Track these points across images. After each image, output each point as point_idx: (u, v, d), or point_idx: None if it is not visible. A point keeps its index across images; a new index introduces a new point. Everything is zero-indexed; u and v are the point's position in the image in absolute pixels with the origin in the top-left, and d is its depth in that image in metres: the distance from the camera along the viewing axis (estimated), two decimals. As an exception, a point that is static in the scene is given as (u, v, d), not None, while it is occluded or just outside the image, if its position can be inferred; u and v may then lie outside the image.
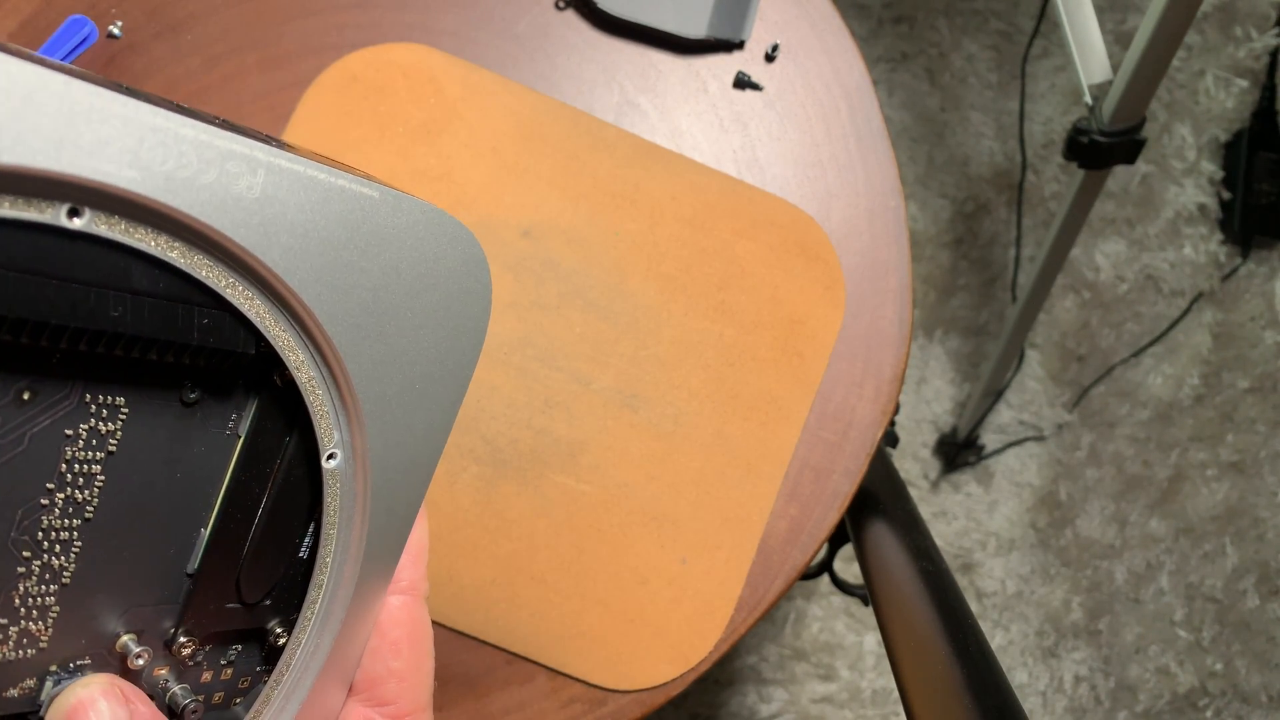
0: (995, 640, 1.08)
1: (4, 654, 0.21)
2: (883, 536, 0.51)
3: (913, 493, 0.96)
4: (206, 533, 0.23)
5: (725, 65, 0.50)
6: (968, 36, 1.11)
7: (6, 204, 0.17)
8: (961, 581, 1.08)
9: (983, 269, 1.11)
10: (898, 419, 1.07)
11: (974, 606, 1.08)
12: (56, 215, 0.18)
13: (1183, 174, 1.11)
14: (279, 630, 0.26)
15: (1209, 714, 1.07)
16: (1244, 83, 1.11)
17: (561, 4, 0.49)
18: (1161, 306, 1.11)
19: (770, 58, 0.50)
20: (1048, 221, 1.10)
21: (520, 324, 0.47)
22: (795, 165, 0.50)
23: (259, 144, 0.20)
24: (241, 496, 0.24)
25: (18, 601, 0.20)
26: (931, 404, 1.10)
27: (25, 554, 0.20)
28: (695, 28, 0.49)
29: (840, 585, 0.66)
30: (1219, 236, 1.11)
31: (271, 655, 0.26)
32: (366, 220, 0.22)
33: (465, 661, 0.45)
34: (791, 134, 0.50)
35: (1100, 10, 0.77)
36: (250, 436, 0.24)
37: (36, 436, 0.20)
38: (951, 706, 0.36)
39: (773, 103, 0.50)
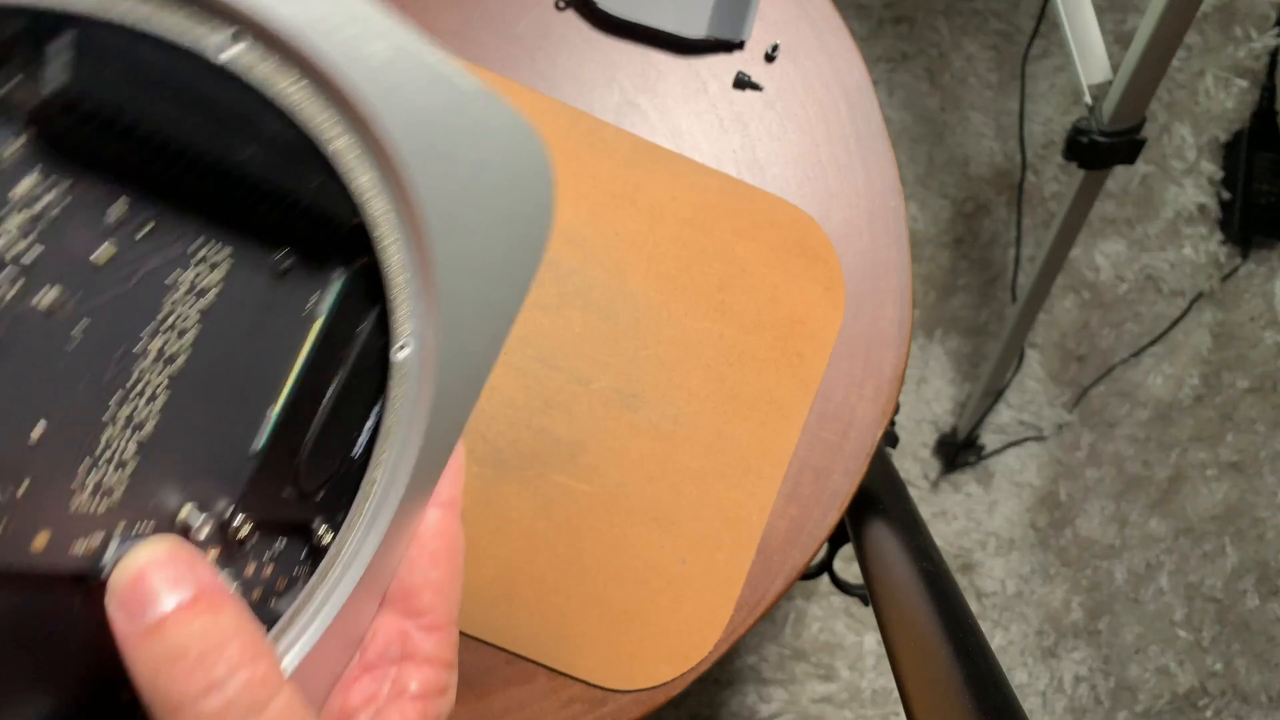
0: (995, 640, 1.08)
1: (78, 502, 0.20)
2: (883, 536, 0.51)
3: (913, 493, 0.96)
4: (275, 412, 0.24)
5: (725, 65, 0.50)
6: (968, 37, 1.11)
7: (182, 14, 0.18)
8: (961, 581, 1.08)
9: (983, 269, 1.11)
10: (898, 419, 1.07)
11: (974, 606, 1.08)
12: (222, 40, 0.19)
13: (1182, 174, 1.11)
14: (324, 529, 0.26)
15: (1209, 714, 1.07)
16: (1244, 83, 1.11)
17: (561, 4, 0.49)
18: (1161, 306, 1.11)
19: (770, 58, 0.50)
20: (1048, 221, 1.10)
21: (520, 324, 0.47)
22: (795, 165, 0.50)
23: (385, 13, 0.21)
24: (312, 379, 0.24)
25: (100, 448, 0.20)
26: (931, 404, 1.10)
27: (115, 398, 0.20)
28: (695, 28, 0.49)
29: (840, 585, 0.66)
30: (1219, 236, 1.11)
31: (314, 556, 0.26)
32: (467, 111, 0.23)
33: (465, 661, 0.45)
34: (791, 134, 0.50)
35: (1100, 10, 0.77)
36: (329, 318, 0.24)
37: (146, 276, 0.20)
38: (951, 706, 0.36)
39: (773, 103, 0.50)
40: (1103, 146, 0.74)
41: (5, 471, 0.19)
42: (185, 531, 0.23)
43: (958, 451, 1.08)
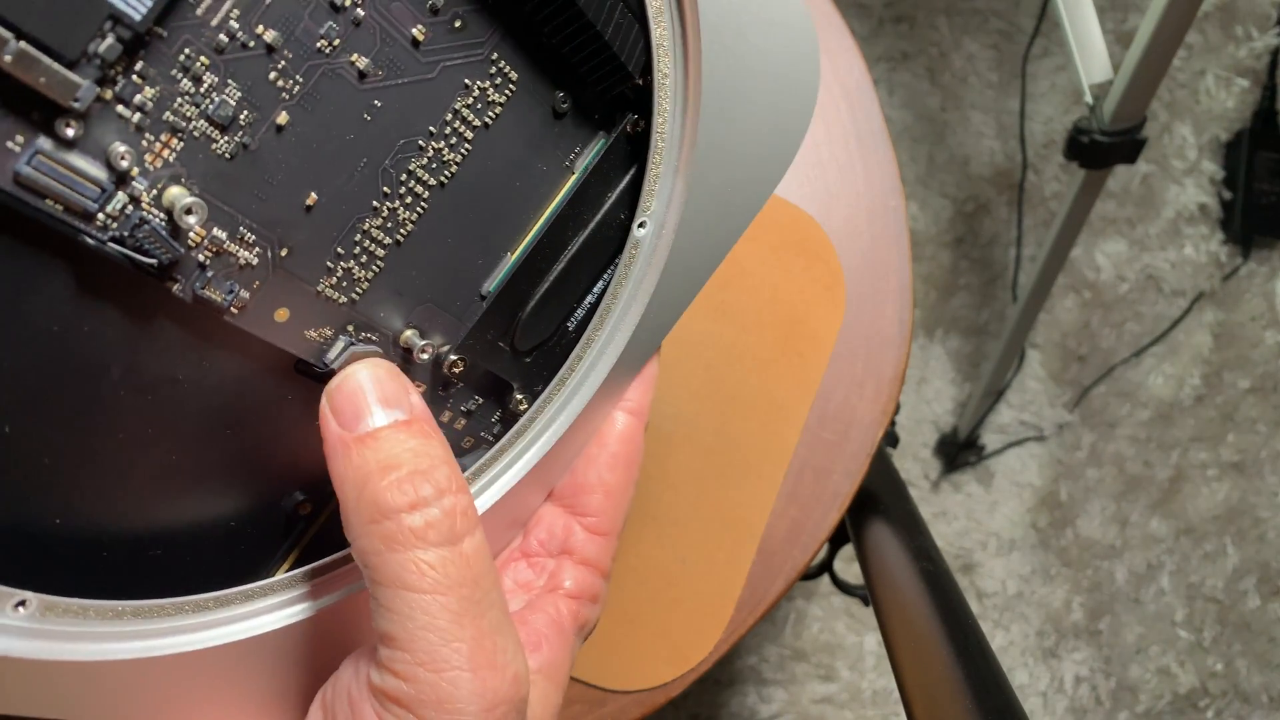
0: (996, 641, 1.08)
1: (324, 287, 0.21)
2: (883, 537, 0.51)
3: (913, 493, 0.96)
4: (513, 258, 0.24)
5: (725, 65, 0.50)
6: (968, 36, 1.11)
7: None
8: (962, 582, 1.08)
9: (983, 269, 1.11)
10: (898, 419, 1.07)
11: (974, 607, 1.08)
12: None
13: (1183, 174, 1.11)
14: (522, 397, 0.26)
15: (1210, 714, 1.07)
16: (1245, 82, 1.11)
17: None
18: (1162, 306, 1.11)
19: (770, 57, 0.50)
20: (1048, 221, 1.10)
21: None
22: (795, 165, 0.50)
23: None
24: (554, 234, 0.24)
25: (358, 237, 0.21)
26: (932, 404, 1.10)
27: (385, 189, 0.21)
28: (695, 27, 0.49)
29: (840, 585, 0.66)
30: (1220, 236, 1.11)
31: (505, 422, 0.26)
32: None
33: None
34: (792, 133, 0.50)
35: (1101, 10, 0.77)
36: (584, 173, 0.24)
37: (446, 71, 0.20)
38: (952, 707, 0.36)
39: (773, 102, 0.50)
40: (1103, 146, 0.74)
41: (275, 229, 0.19)
42: (407, 354, 0.23)
43: (958, 451, 1.08)
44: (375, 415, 0.20)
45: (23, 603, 0.19)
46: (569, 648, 0.26)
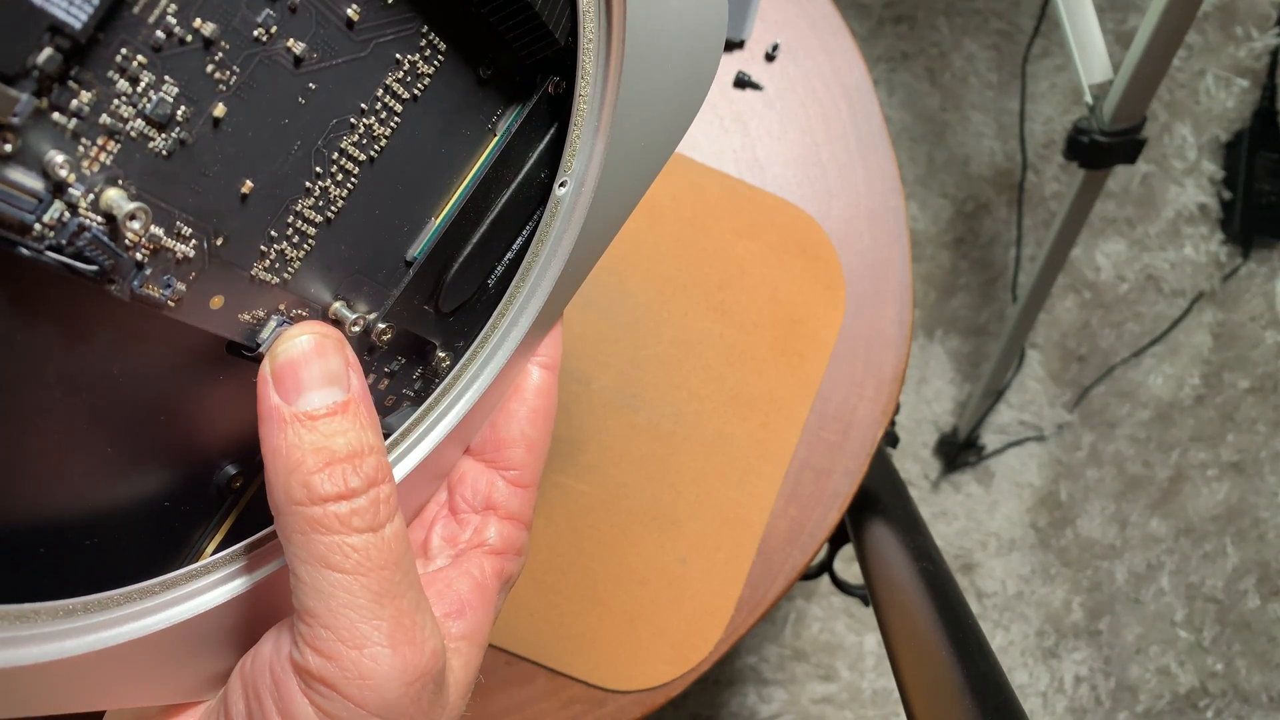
0: (995, 641, 1.08)
1: (258, 271, 0.21)
2: (883, 537, 0.51)
3: (913, 493, 0.96)
4: (437, 222, 0.24)
5: (725, 65, 0.50)
6: (968, 36, 1.11)
7: None
8: (962, 582, 1.08)
9: (983, 269, 1.11)
10: (898, 419, 1.07)
11: (974, 607, 1.08)
12: None
13: (1183, 174, 1.11)
14: (444, 355, 0.26)
15: (1209, 714, 1.07)
16: (1244, 82, 1.11)
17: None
18: (1162, 306, 1.11)
19: (770, 57, 0.50)
20: (1048, 221, 1.10)
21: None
22: (795, 165, 0.50)
23: None
24: (477, 197, 0.24)
25: (290, 219, 0.21)
26: (932, 404, 1.10)
27: (318, 169, 0.21)
28: (695, 27, 0.49)
29: (840, 585, 0.66)
30: (1220, 236, 1.11)
31: (426, 379, 0.26)
32: None
33: (465, 662, 0.45)
34: (791, 134, 0.50)
35: (1100, 10, 0.77)
36: (508, 137, 0.24)
37: (379, 47, 0.20)
38: (952, 707, 0.36)
39: (773, 102, 0.50)
40: (1103, 146, 0.74)
41: (211, 220, 0.19)
42: (337, 326, 0.23)
43: (958, 452, 1.08)
44: (315, 392, 0.20)
45: None
46: (491, 606, 0.27)
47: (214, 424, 0.22)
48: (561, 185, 0.25)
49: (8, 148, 0.15)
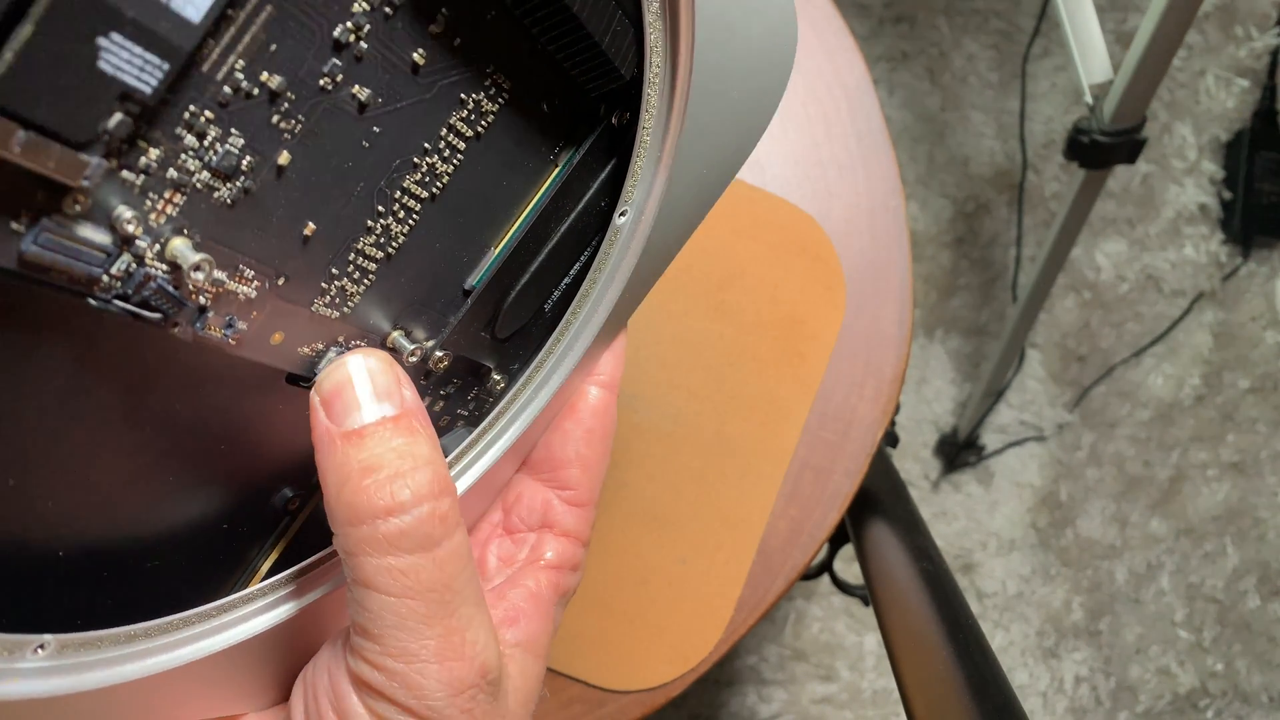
0: (995, 641, 1.08)
1: (319, 306, 0.21)
2: (883, 537, 0.51)
3: (913, 493, 0.96)
4: (496, 251, 0.24)
5: (725, 65, 0.50)
6: (968, 36, 1.11)
7: None
8: (962, 582, 1.08)
9: (983, 269, 1.11)
10: (898, 419, 1.07)
11: (974, 607, 1.08)
12: None
13: (1183, 174, 1.11)
14: (500, 377, 0.26)
15: (1209, 714, 1.07)
16: (1245, 82, 1.11)
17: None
18: (1162, 306, 1.11)
19: (770, 57, 0.50)
20: (1048, 221, 1.10)
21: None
22: (795, 165, 0.50)
23: None
24: (538, 227, 0.24)
25: (352, 256, 0.21)
26: (932, 404, 1.10)
27: (379, 208, 0.21)
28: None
29: (841, 586, 0.66)
30: (1220, 236, 1.11)
31: (481, 401, 0.27)
32: None
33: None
34: (792, 134, 0.50)
35: (1101, 10, 0.77)
36: (569, 169, 0.24)
37: (443, 89, 0.20)
38: (952, 707, 0.36)
39: (773, 102, 0.50)
40: (1103, 146, 0.74)
41: (274, 262, 0.19)
42: (395, 355, 0.23)
43: (958, 452, 1.08)
44: (364, 409, 0.20)
45: (42, 645, 0.19)
46: (548, 618, 0.26)
47: (273, 450, 0.23)
48: (621, 215, 0.25)
49: (78, 208, 0.15)
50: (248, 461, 0.22)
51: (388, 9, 0.18)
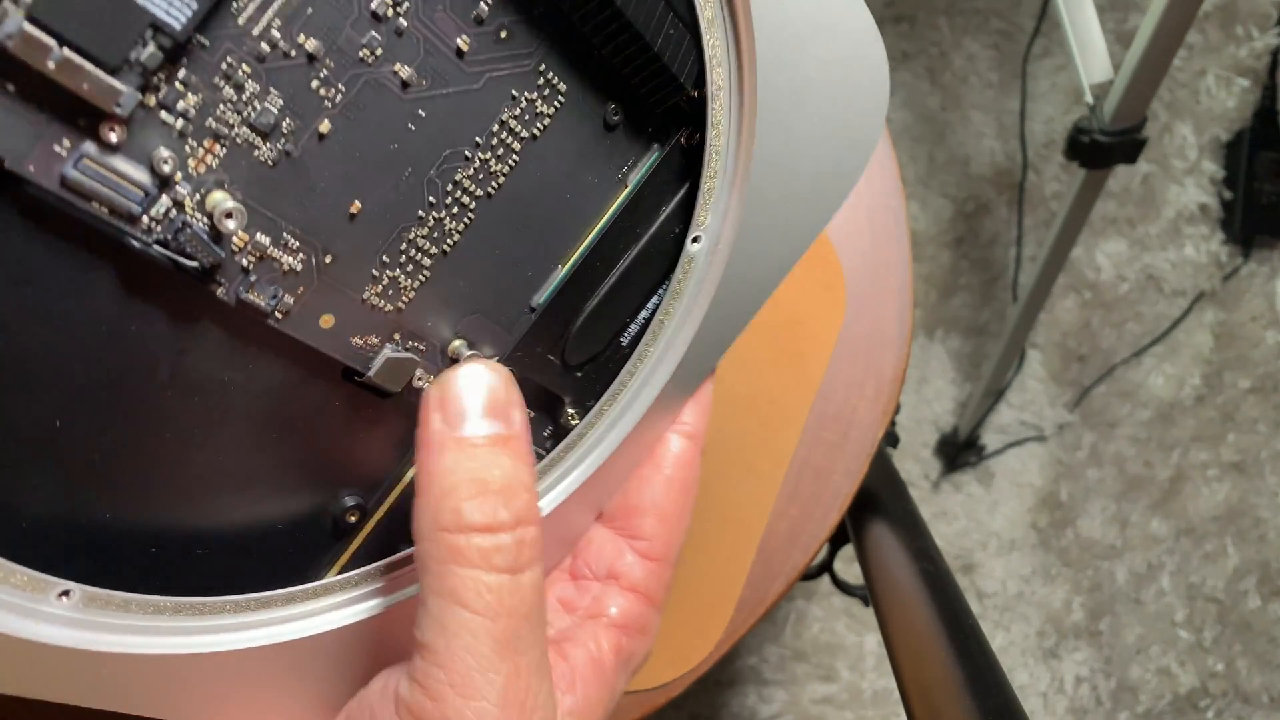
0: (996, 641, 1.08)
1: (370, 295, 0.21)
2: (883, 537, 0.51)
3: (913, 493, 0.96)
4: (564, 270, 0.23)
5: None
6: (968, 36, 1.11)
7: None
8: (962, 582, 1.08)
9: (984, 269, 1.11)
10: (898, 419, 1.07)
11: (974, 607, 1.08)
12: None
13: (1184, 173, 1.11)
14: (573, 411, 0.26)
15: (1210, 714, 1.07)
16: (1245, 82, 1.11)
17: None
18: (1163, 306, 1.11)
19: (770, 57, 0.50)
20: (1049, 221, 1.10)
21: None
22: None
23: None
24: (606, 247, 0.24)
25: (404, 246, 0.21)
26: (932, 404, 1.10)
27: (430, 199, 0.21)
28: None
29: (841, 586, 0.66)
30: (1220, 236, 1.11)
31: (556, 436, 0.26)
32: (823, 8, 0.22)
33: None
34: (792, 133, 0.50)
35: (1101, 9, 0.77)
36: (637, 187, 0.24)
37: (492, 82, 0.20)
38: (952, 707, 0.36)
39: (773, 102, 0.50)
40: (1104, 146, 0.74)
41: (319, 236, 0.20)
42: (455, 364, 0.23)
43: (959, 452, 1.08)
44: (480, 421, 0.20)
45: (66, 592, 0.19)
46: (609, 687, 0.24)
47: (331, 451, 0.22)
48: (695, 241, 0.24)
49: (114, 137, 0.16)
50: (302, 456, 0.22)
51: None
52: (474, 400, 0.20)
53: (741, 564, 0.47)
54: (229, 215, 0.18)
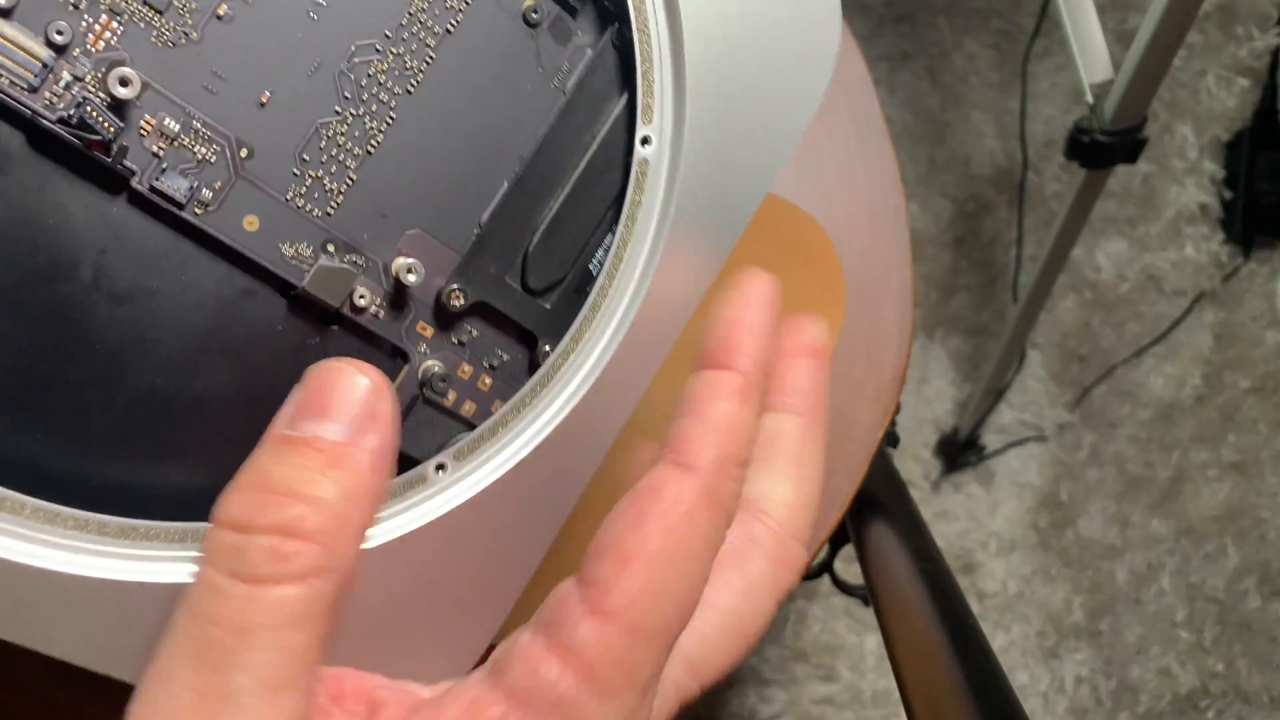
0: (996, 641, 1.08)
1: (294, 196, 0.20)
2: (883, 537, 0.51)
3: (914, 493, 0.96)
4: (507, 184, 0.23)
5: (725, 64, 0.50)
6: (969, 35, 1.11)
7: None
8: (962, 582, 1.08)
9: (984, 269, 1.11)
10: (899, 419, 1.07)
11: (975, 607, 1.07)
12: None
13: (1184, 173, 1.11)
14: (547, 348, 0.24)
15: (1210, 715, 1.07)
16: (1245, 82, 1.11)
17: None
18: (1163, 306, 1.11)
19: (770, 57, 0.50)
20: (1049, 221, 1.10)
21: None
22: (795, 164, 0.50)
23: None
24: (550, 159, 0.23)
25: (323, 143, 0.20)
26: (932, 404, 1.10)
27: (345, 93, 0.20)
28: (695, 27, 0.49)
29: (841, 586, 0.66)
30: (1220, 236, 1.11)
31: (531, 370, 0.24)
32: None
33: (464, 662, 0.45)
34: (792, 133, 0.50)
35: (1101, 9, 0.77)
36: (573, 93, 0.23)
37: None
38: (952, 708, 0.36)
39: (773, 102, 0.50)
40: (1104, 145, 0.74)
41: (229, 126, 0.19)
42: (399, 283, 0.22)
43: (959, 452, 1.08)
44: (312, 423, 0.18)
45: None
46: None
47: (272, 375, 0.21)
48: (644, 143, 0.23)
49: (4, 1, 0.17)
50: (243, 381, 0.21)
51: None
52: (328, 396, 0.18)
53: (741, 564, 0.47)
54: (125, 82, 0.18)
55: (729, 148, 0.23)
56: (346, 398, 0.18)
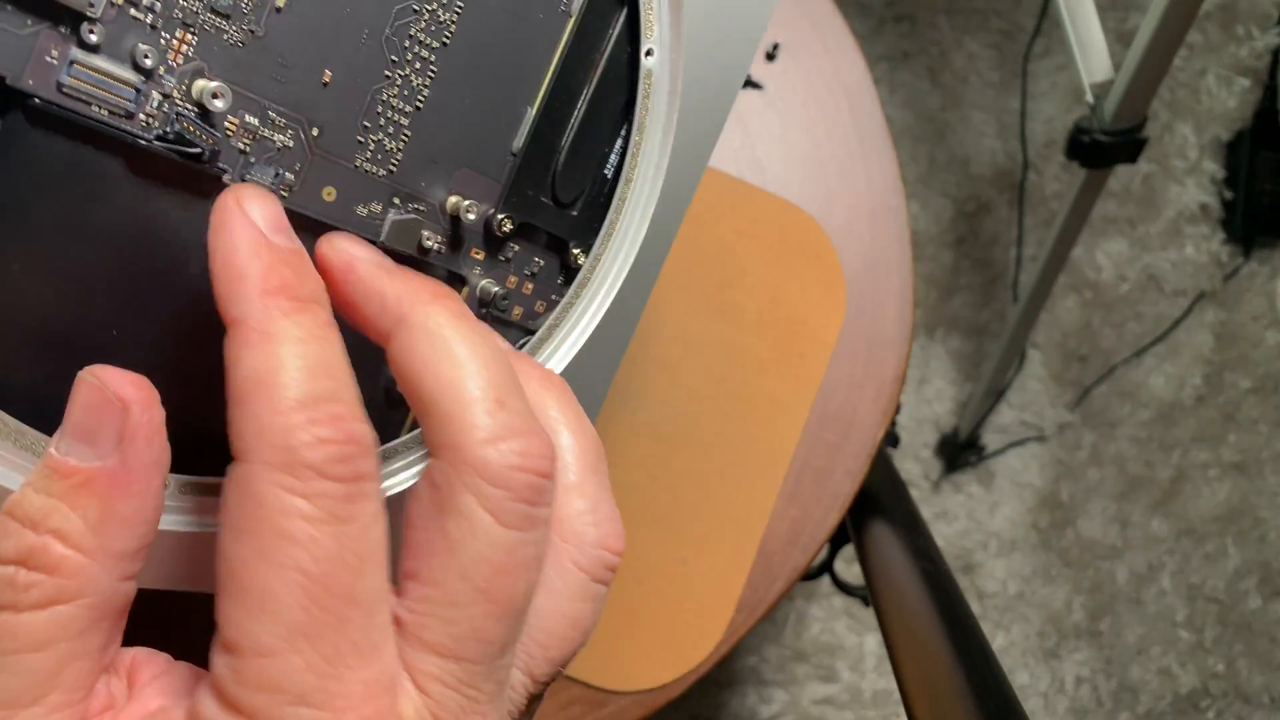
0: (996, 641, 1.08)
1: (361, 162, 0.22)
2: (884, 537, 0.51)
3: (914, 493, 0.96)
4: (533, 111, 0.25)
5: (725, 64, 0.50)
6: (969, 35, 1.11)
7: None
8: (963, 582, 1.08)
9: (984, 268, 1.11)
10: (899, 419, 1.07)
11: (975, 607, 1.08)
12: None
13: (1184, 173, 1.11)
14: (577, 251, 0.27)
15: (1210, 715, 1.07)
16: (1246, 82, 1.11)
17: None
18: (1163, 306, 1.11)
19: (771, 57, 0.50)
20: (1049, 221, 1.10)
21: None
22: (796, 164, 0.50)
23: None
24: (566, 81, 0.25)
25: (380, 108, 0.22)
26: (933, 404, 1.10)
27: (392, 58, 0.22)
28: (695, 26, 0.49)
29: (841, 586, 0.66)
30: (1221, 236, 1.11)
31: (568, 276, 0.27)
32: None
33: (464, 662, 0.45)
34: (792, 133, 0.50)
35: (1102, 9, 0.77)
36: (580, 14, 0.25)
37: None
38: (952, 708, 0.36)
39: (773, 102, 0.50)
40: (1104, 145, 0.74)
41: (301, 110, 0.21)
42: (456, 218, 0.24)
43: (959, 452, 1.08)
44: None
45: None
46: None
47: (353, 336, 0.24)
48: (648, 55, 0.25)
49: (94, 38, 0.18)
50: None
51: None
52: (80, 415, 0.17)
53: (742, 564, 0.47)
54: (215, 95, 0.19)
55: (716, 48, 0.26)
56: (100, 417, 0.17)
